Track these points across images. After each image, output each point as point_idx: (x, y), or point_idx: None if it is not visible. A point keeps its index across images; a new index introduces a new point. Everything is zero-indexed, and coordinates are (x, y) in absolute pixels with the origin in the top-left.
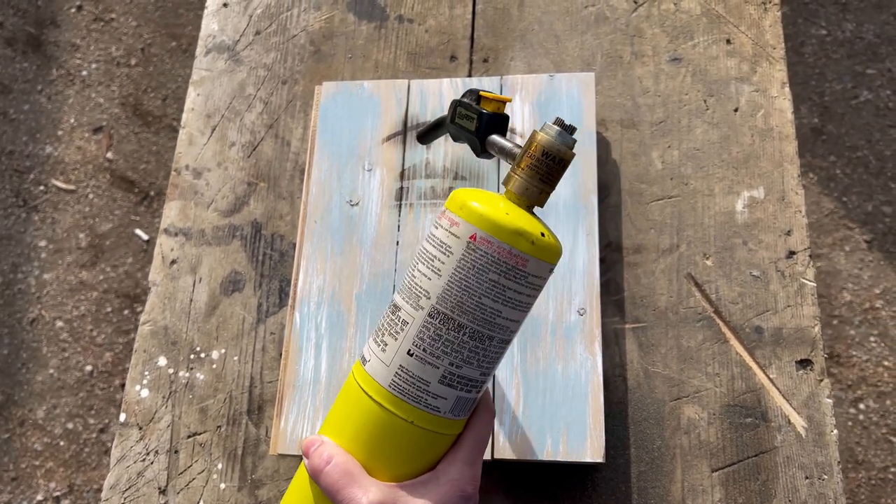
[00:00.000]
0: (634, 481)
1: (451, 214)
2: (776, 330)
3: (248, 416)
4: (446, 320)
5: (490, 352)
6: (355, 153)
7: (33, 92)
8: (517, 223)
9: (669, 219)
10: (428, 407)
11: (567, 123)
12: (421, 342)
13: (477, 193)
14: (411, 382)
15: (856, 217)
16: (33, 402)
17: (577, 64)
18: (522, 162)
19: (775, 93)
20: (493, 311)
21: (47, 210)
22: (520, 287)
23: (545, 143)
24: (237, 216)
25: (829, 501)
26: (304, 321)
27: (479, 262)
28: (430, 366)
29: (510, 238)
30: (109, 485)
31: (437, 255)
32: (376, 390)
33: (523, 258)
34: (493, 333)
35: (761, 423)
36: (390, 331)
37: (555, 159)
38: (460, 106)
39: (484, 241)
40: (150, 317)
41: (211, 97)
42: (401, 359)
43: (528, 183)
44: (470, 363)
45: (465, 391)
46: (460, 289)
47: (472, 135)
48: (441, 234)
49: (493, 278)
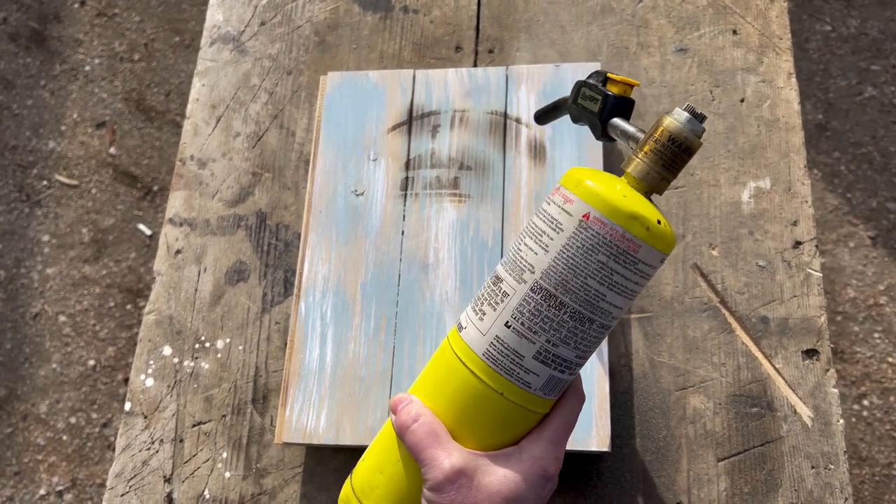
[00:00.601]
0: (640, 471)
1: (566, 191)
2: (782, 320)
3: (252, 406)
4: (548, 297)
5: (589, 335)
6: (360, 143)
7: (37, 87)
8: (634, 207)
9: (675, 209)
10: (519, 381)
11: (698, 111)
12: (520, 315)
13: (595, 173)
14: (506, 354)
15: (860, 213)
16: (36, 397)
17: (583, 54)
18: (646, 146)
19: (782, 83)
20: (598, 293)
21: (50, 205)
22: (628, 272)
23: (673, 129)
24: (242, 206)
25: (835, 491)
26: (309, 310)
27: (590, 241)
28: (526, 340)
29: (625, 221)
30: (115, 473)
31: (546, 231)
32: (470, 358)
33: (636, 243)
34: (594, 316)
35: (767, 412)
36: (490, 300)
37: (681, 146)
38: (585, 87)
39: (597, 220)
40: (154, 306)
41: (216, 88)
42: (498, 329)
43: (650, 168)
44: (567, 343)
45: (559, 371)
46: (566, 266)
47: (594, 116)
48: (553, 210)
49: (602, 260)
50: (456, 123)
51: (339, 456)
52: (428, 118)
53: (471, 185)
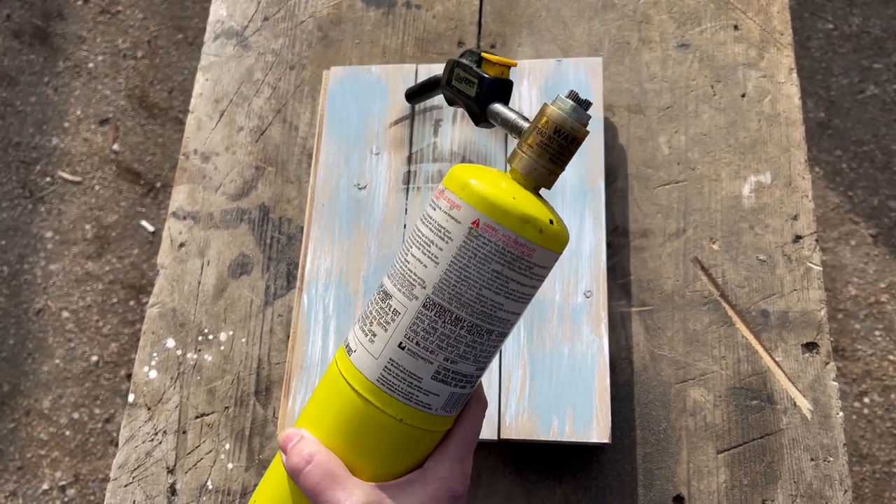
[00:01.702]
0: (640, 462)
1: (451, 195)
2: (782, 313)
3: (255, 397)
4: (443, 312)
5: (487, 346)
6: (363, 137)
7: (40, 84)
8: (525, 209)
9: (676, 203)
10: (419, 404)
11: (582, 98)
12: (414, 335)
13: (478, 171)
14: (402, 378)
15: (861, 211)
16: (39, 392)
17: (585, 50)
18: (530, 138)
19: (783, 78)
20: (494, 303)
21: (53, 201)
22: (523, 278)
23: (557, 119)
24: (245, 200)
25: (834, 483)
26: (311, 303)
27: (482, 250)
28: (423, 361)
29: (517, 226)
30: (118, 464)
31: (434, 241)
32: (363, 384)
33: (530, 248)
34: (492, 327)
35: (767, 405)
36: (379, 320)
37: (567, 137)
38: (458, 67)
39: (488, 227)
40: (158, 299)
41: (219, 82)
42: (391, 352)
43: (536, 162)
44: (466, 358)
45: (460, 387)
46: (459, 279)
47: (470, 101)
48: (439, 217)
49: (496, 269)
50: (458, 118)
51: None
52: (430, 112)
53: None
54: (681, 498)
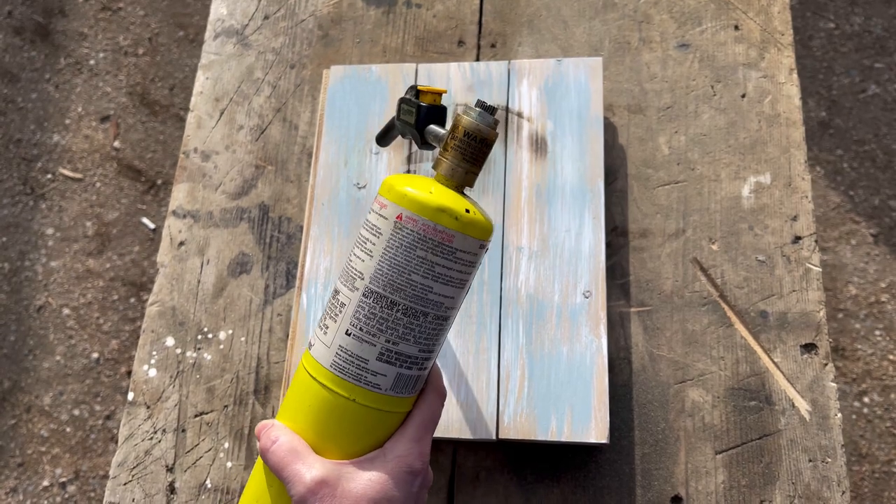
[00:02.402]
0: (638, 463)
1: (381, 198)
2: (781, 314)
3: (254, 396)
4: (379, 298)
5: (426, 328)
6: (363, 137)
7: (41, 81)
8: (440, 200)
9: (676, 203)
10: (368, 384)
11: (488, 104)
12: (357, 321)
13: (406, 178)
14: (350, 361)
15: (862, 211)
16: (40, 389)
17: (585, 49)
18: (448, 144)
19: (783, 79)
20: (424, 286)
21: (54, 198)
22: (449, 263)
23: (467, 125)
24: (245, 199)
25: (832, 484)
26: (311, 302)
27: (406, 239)
28: (367, 344)
29: (433, 215)
30: (117, 462)
31: (369, 238)
32: (319, 371)
33: (448, 234)
34: (426, 310)
35: (765, 406)
36: (331, 314)
37: (477, 139)
38: (402, 103)
39: (409, 219)
40: (158, 297)
41: (219, 81)
42: (340, 339)
43: (454, 164)
44: (406, 339)
45: (406, 368)
46: (390, 267)
47: (412, 128)
48: (372, 218)
49: (421, 255)
50: None
51: None
52: None
53: None
54: (679, 498)
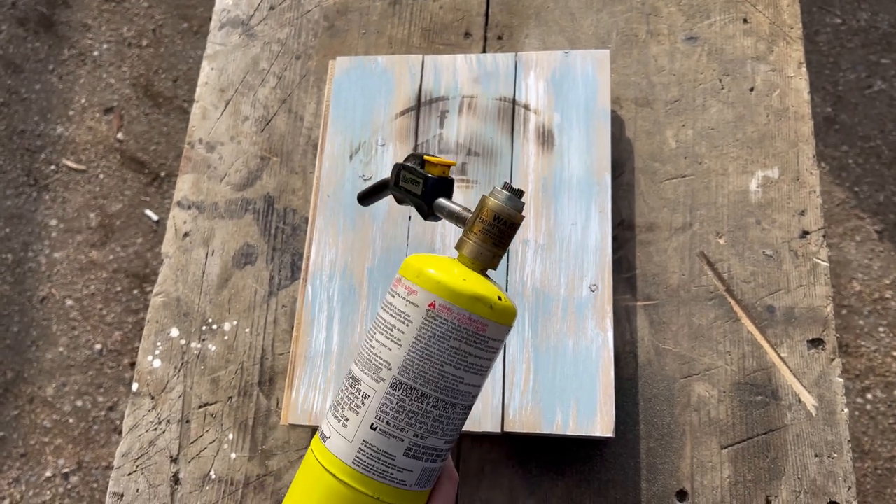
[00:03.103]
0: (643, 457)
1: (408, 282)
2: (788, 309)
3: (259, 388)
4: (409, 391)
5: (454, 419)
6: (368, 128)
7: (45, 72)
8: (475, 289)
9: (683, 197)
10: (394, 481)
11: (515, 188)
12: (384, 415)
13: (431, 259)
14: (376, 458)
15: (867, 207)
16: (43, 380)
17: (592, 42)
18: (475, 227)
19: (792, 72)
20: (456, 377)
21: (58, 189)
22: (480, 352)
23: (496, 208)
24: (250, 190)
25: (838, 480)
26: (316, 294)
27: (440, 329)
28: (394, 439)
29: (469, 304)
30: (122, 452)
31: (396, 325)
32: (340, 468)
33: (483, 323)
34: (455, 400)
35: (771, 401)
36: (350, 405)
37: (506, 223)
38: (404, 170)
39: (444, 308)
40: (162, 288)
41: (225, 71)
42: (364, 433)
43: (482, 247)
44: (434, 433)
45: (431, 461)
46: (422, 358)
47: (417, 198)
48: (399, 303)
49: (455, 345)
50: (464, 109)
51: None
52: (436, 104)
53: (478, 170)
54: (684, 492)
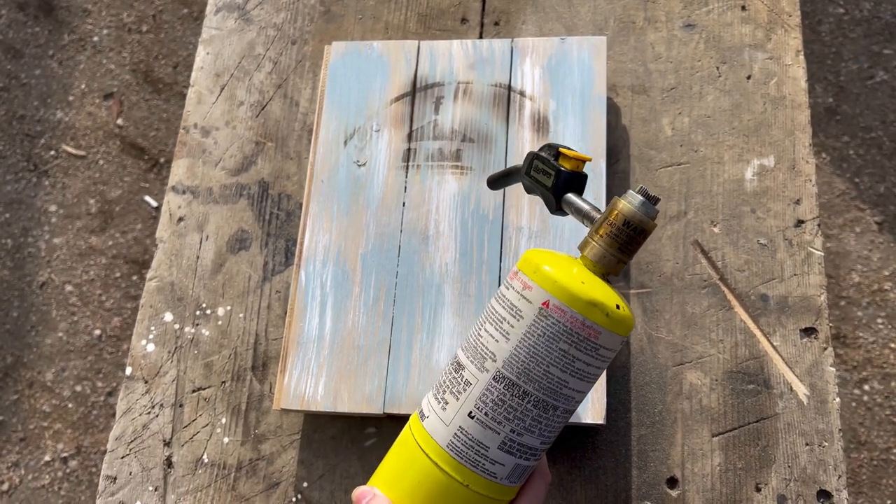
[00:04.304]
0: (635, 444)
1: (525, 277)
2: (782, 298)
3: (252, 373)
4: (511, 386)
5: (552, 421)
6: (363, 114)
7: (45, 57)
8: (592, 294)
9: (678, 185)
10: (485, 472)
11: (651, 194)
12: (483, 405)
13: (552, 257)
14: (470, 445)
15: (867, 198)
16: (42, 365)
17: (590, 28)
18: (601, 229)
19: (789, 61)
20: (561, 381)
21: (58, 175)
22: (589, 358)
23: (627, 213)
24: (245, 175)
25: (828, 468)
26: (309, 279)
27: (551, 330)
28: (490, 430)
29: (585, 308)
30: (115, 436)
31: (507, 318)
32: (434, 450)
33: (596, 330)
34: (557, 403)
35: (763, 389)
36: (452, 389)
37: (636, 230)
38: (537, 159)
39: (557, 308)
40: (156, 273)
41: (220, 56)
42: (461, 420)
43: (606, 251)
44: (531, 431)
45: (524, 459)
46: (528, 355)
47: (547, 191)
48: (512, 297)
49: (564, 348)
50: (459, 95)
51: (337, 423)
52: (431, 89)
53: (473, 157)
54: (674, 480)
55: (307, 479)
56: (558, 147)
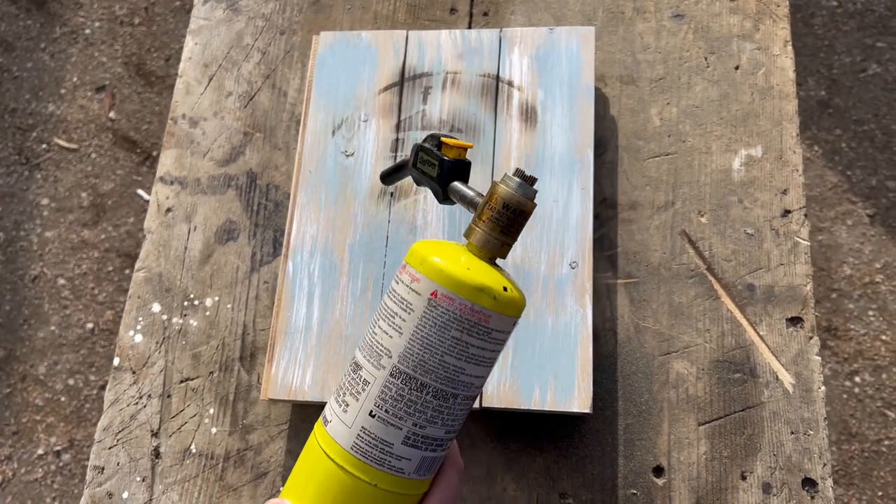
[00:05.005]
0: (621, 433)
1: (412, 270)
2: (768, 288)
3: (240, 363)
4: (408, 380)
5: (455, 409)
6: (351, 104)
7: (37, 49)
8: (478, 279)
9: (665, 176)
10: (392, 469)
11: (527, 174)
12: (383, 403)
13: (437, 246)
14: (374, 444)
15: (859, 191)
16: (35, 358)
17: (579, 19)
18: (483, 214)
19: (777, 51)
20: (457, 368)
21: (50, 168)
22: (483, 343)
23: (505, 195)
24: (233, 166)
25: (813, 456)
26: (296, 269)
27: (441, 319)
28: (393, 427)
29: (472, 294)
30: (102, 426)
31: (398, 312)
32: (338, 453)
33: (486, 314)
34: (456, 391)
35: (749, 378)
36: (351, 391)
37: (515, 211)
38: (422, 151)
39: (445, 297)
40: (144, 263)
41: (209, 46)
42: (363, 420)
43: (490, 235)
44: (434, 422)
45: (430, 451)
46: (422, 347)
47: (433, 181)
48: (402, 290)
49: (456, 335)
50: (448, 85)
51: None
52: (420, 79)
53: None
54: (661, 468)
55: None
56: (440, 136)
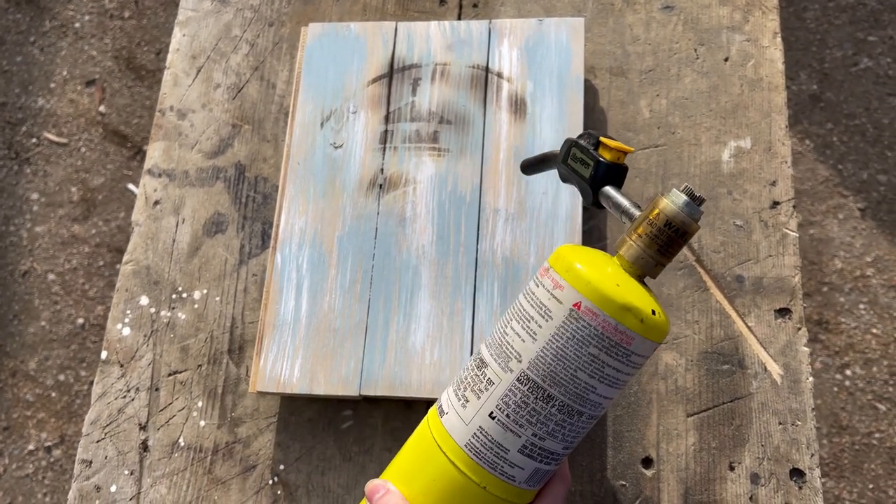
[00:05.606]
0: (610, 425)
1: (556, 275)
2: (757, 279)
3: (228, 356)
4: (535, 388)
5: (577, 427)
6: (340, 96)
7: (26, 43)
8: (627, 297)
9: (655, 167)
10: (503, 475)
11: (697, 194)
12: (505, 406)
13: (586, 254)
14: (489, 447)
15: (850, 185)
16: (25, 354)
17: (568, 10)
18: (640, 228)
19: (767, 42)
20: (588, 386)
21: (39, 163)
22: (620, 365)
23: (669, 212)
24: (221, 158)
25: (801, 447)
26: (285, 262)
27: (581, 333)
28: (511, 433)
29: (618, 313)
30: (90, 420)
31: (535, 317)
32: (451, 448)
33: (629, 336)
34: (583, 409)
35: (738, 369)
36: (473, 387)
37: (678, 231)
38: (575, 147)
39: (589, 311)
40: (132, 256)
41: (197, 38)
42: (481, 420)
43: (644, 252)
44: (554, 436)
45: (545, 463)
46: (555, 358)
47: (584, 181)
48: (542, 295)
49: (594, 353)
50: (437, 77)
51: (313, 406)
52: (409, 71)
53: (450, 139)
54: (649, 459)
55: (284, 462)
56: (598, 136)
